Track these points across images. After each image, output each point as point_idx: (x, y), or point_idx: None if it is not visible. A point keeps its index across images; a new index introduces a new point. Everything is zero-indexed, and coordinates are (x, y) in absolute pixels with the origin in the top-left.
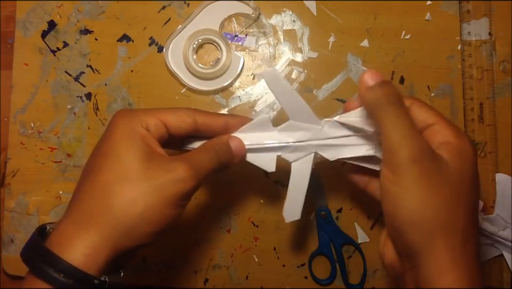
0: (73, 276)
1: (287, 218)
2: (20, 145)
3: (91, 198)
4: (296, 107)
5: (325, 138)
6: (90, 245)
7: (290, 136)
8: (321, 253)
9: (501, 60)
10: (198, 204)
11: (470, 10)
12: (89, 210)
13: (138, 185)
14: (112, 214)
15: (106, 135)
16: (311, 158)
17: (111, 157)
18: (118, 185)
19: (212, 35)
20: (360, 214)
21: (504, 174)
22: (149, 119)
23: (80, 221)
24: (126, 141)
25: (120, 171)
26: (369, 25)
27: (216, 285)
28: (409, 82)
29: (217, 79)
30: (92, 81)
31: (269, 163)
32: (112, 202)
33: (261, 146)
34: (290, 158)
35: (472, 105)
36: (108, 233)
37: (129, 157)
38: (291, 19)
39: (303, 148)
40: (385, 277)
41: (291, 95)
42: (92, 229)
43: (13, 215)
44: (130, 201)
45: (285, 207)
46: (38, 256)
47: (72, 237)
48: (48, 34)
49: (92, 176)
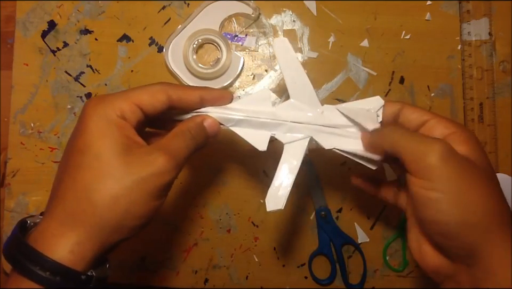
0: (60, 273)
1: (268, 206)
2: (20, 145)
3: (74, 197)
4: (300, 85)
5: (324, 124)
6: (77, 243)
7: (288, 115)
8: (321, 253)
9: (501, 60)
10: (198, 204)
11: (470, 10)
12: (72, 209)
13: (120, 182)
14: (97, 213)
15: (80, 127)
16: (306, 142)
17: (89, 154)
18: (100, 183)
19: (211, 36)
20: (360, 214)
21: (504, 174)
22: (123, 105)
23: (64, 220)
24: (103, 136)
25: (100, 168)
26: (369, 25)
27: (216, 285)
28: (409, 82)
29: (217, 79)
30: (91, 81)
31: (261, 141)
32: (96, 201)
33: (256, 120)
34: (284, 138)
35: (472, 105)
36: (95, 232)
37: (108, 154)
38: (291, 19)
39: (299, 130)
40: (385, 277)
41: (297, 69)
42: (78, 229)
43: (13, 215)
44: (114, 199)
45: (268, 193)
46: (22, 254)
47: (57, 235)
48: (48, 34)
49: (72, 174)
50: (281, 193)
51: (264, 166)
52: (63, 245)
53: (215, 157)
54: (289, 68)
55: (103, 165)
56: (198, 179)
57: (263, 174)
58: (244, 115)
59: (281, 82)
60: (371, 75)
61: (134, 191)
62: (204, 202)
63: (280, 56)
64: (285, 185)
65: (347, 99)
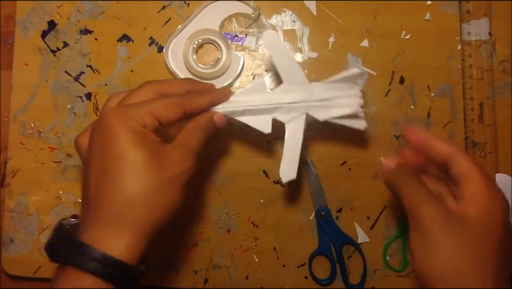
0: (119, 268)
1: (283, 178)
2: (20, 145)
3: (119, 203)
4: (290, 70)
5: (315, 99)
6: (131, 243)
7: (284, 98)
8: (321, 253)
9: (501, 60)
10: (198, 204)
11: (470, 10)
12: (120, 211)
13: (158, 186)
14: (144, 212)
15: (110, 138)
16: (303, 118)
17: (126, 163)
18: (142, 190)
19: (212, 36)
20: (360, 214)
21: (504, 174)
22: (145, 117)
23: (114, 223)
24: (135, 145)
25: (139, 176)
26: (369, 25)
27: (216, 285)
28: (409, 82)
29: (217, 79)
30: (92, 81)
31: (265, 124)
32: (142, 202)
33: (258, 108)
34: (284, 119)
35: (472, 105)
36: (143, 230)
37: (142, 160)
38: (291, 19)
39: (296, 109)
40: (385, 277)
41: (287, 57)
42: (130, 229)
43: (13, 215)
44: (155, 198)
45: (281, 167)
46: (82, 253)
47: (109, 237)
48: (48, 34)
49: (113, 181)
50: (291, 165)
51: (264, 166)
52: (116, 244)
53: (215, 157)
54: (280, 57)
55: (140, 170)
56: (198, 179)
57: (263, 174)
58: (246, 106)
59: None
60: (371, 75)
61: (170, 192)
62: (204, 202)
63: (271, 48)
64: (293, 157)
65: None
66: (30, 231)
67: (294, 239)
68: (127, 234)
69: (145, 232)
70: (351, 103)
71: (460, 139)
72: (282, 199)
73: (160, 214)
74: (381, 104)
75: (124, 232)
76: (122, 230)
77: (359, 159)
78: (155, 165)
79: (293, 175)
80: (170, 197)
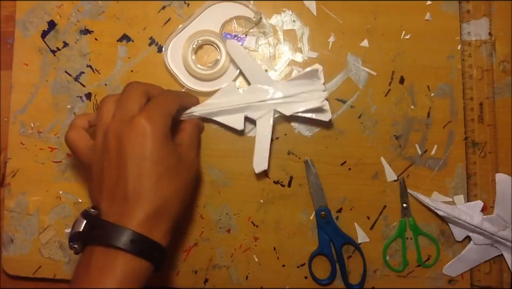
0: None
1: (256, 169)
2: (20, 145)
3: (160, 200)
4: (255, 72)
5: (281, 96)
6: (166, 231)
7: (253, 97)
8: (321, 253)
9: (501, 60)
10: (198, 204)
11: (470, 10)
12: (162, 209)
13: (186, 185)
14: (178, 211)
15: (147, 144)
16: (271, 114)
17: (162, 166)
18: (175, 189)
19: (211, 37)
20: (360, 214)
21: (504, 174)
22: (168, 120)
23: (154, 217)
24: (168, 151)
25: (172, 177)
26: (369, 25)
27: (216, 285)
28: (409, 82)
29: (216, 80)
30: (92, 81)
31: (237, 122)
32: (177, 203)
33: (230, 108)
34: (254, 116)
35: (472, 105)
36: (175, 223)
37: (175, 165)
38: (291, 19)
39: (264, 106)
40: (385, 277)
41: (250, 61)
42: (167, 223)
43: (13, 215)
44: (185, 198)
45: (254, 159)
46: (109, 233)
47: (151, 227)
48: (48, 34)
49: (152, 182)
50: (263, 156)
51: None
52: (159, 232)
53: (215, 156)
54: (244, 62)
55: (173, 171)
56: (198, 180)
57: (263, 174)
58: (220, 107)
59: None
60: (371, 75)
61: (192, 186)
62: (204, 202)
63: (234, 55)
64: (264, 149)
65: (347, 99)
66: (30, 231)
67: (294, 239)
68: (165, 225)
69: (175, 223)
70: (315, 97)
71: (460, 139)
72: (282, 199)
73: (184, 207)
74: (381, 104)
75: (164, 224)
76: (163, 222)
77: (359, 159)
78: (181, 167)
79: (264, 166)
80: (190, 194)
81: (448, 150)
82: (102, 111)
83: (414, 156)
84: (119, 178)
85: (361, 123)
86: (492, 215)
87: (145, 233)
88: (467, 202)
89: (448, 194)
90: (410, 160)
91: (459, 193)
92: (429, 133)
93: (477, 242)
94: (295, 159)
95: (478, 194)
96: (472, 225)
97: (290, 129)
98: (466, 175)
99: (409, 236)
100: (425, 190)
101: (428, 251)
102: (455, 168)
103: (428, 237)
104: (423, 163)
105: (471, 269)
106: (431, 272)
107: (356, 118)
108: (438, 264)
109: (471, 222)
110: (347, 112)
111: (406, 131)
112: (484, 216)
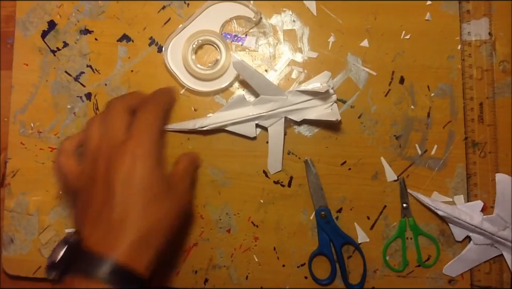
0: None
1: (271, 170)
2: (20, 145)
3: (145, 228)
4: (264, 85)
5: (291, 104)
6: (149, 260)
7: (263, 108)
8: (321, 253)
9: (501, 60)
10: (198, 204)
11: (470, 10)
12: (148, 236)
13: (177, 213)
14: (163, 239)
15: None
16: (282, 121)
17: (152, 193)
18: (162, 217)
19: (211, 37)
20: (360, 214)
21: (504, 174)
22: (160, 144)
23: (138, 244)
24: (159, 177)
25: (161, 204)
26: (369, 25)
27: (216, 285)
28: (409, 82)
29: (216, 80)
30: (92, 81)
31: (249, 130)
32: (163, 231)
33: (242, 119)
34: (266, 124)
35: (472, 105)
36: (161, 252)
37: (164, 193)
38: (291, 19)
39: (275, 115)
40: (385, 277)
41: (258, 76)
42: (152, 251)
43: (13, 215)
44: (172, 226)
45: (268, 162)
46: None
47: (134, 256)
48: (48, 34)
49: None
50: (277, 159)
51: (264, 166)
52: (142, 260)
53: (215, 157)
54: (252, 78)
55: (161, 199)
56: (198, 180)
57: (263, 174)
58: (233, 120)
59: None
60: (371, 75)
61: (181, 215)
62: (204, 202)
63: (242, 73)
64: (277, 153)
65: (347, 99)
66: (30, 231)
67: (294, 239)
68: (149, 256)
69: (159, 254)
70: (325, 102)
71: (460, 139)
72: (282, 199)
73: (170, 239)
74: (381, 104)
75: (148, 254)
76: (147, 252)
77: (359, 159)
78: (170, 196)
79: (279, 168)
80: (177, 226)
81: (448, 150)
82: (89, 134)
83: (414, 156)
84: (105, 204)
85: (361, 123)
86: (492, 215)
87: (127, 263)
88: (467, 202)
89: (448, 194)
90: (410, 160)
91: (459, 193)
92: (429, 133)
93: (477, 242)
94: (295, 159)
95: (478, 194)
96: (472, 225)
97: (290, 129)
98: (466, 175)
99: (409, 236)
100: (425, 190)
101: (428, 251)
102: (455, 168)
103: (428, 237)
104: (423, 163)
105: (471, 269)
106: (431, 272)
107: (356, 118)
108: (438, 264)
109: (471, 222)
110: (347, 112)
111: (406, 131)
112: (484, 216)
